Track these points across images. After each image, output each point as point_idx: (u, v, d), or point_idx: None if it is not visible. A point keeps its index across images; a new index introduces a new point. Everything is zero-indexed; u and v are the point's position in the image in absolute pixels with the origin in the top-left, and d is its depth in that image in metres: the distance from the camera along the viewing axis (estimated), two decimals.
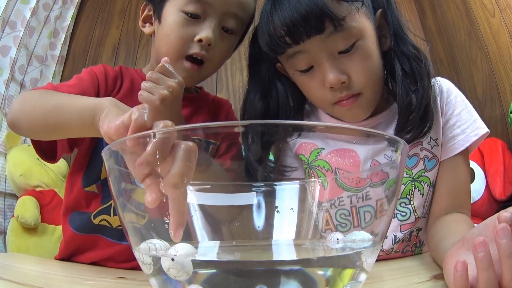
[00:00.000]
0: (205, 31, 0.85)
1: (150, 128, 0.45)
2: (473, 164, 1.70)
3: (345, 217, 0.57)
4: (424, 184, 0.85)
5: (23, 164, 1.77)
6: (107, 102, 0.59)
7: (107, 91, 0.90)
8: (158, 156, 0.41)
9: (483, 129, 0.84)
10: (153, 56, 0.96)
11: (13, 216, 1.70)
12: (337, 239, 0.52)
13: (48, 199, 1.76)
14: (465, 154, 0.86)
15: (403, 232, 0.85)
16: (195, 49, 0.86)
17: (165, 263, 0.41)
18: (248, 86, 0.90)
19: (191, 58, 0.87)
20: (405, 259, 0.85)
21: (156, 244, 0.45)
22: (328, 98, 0.78)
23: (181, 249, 0.42)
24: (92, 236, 0.89)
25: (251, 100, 0.88)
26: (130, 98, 0.87)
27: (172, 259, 0.40)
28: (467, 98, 0.89)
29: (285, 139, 0.75)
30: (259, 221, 0.52)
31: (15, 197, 1.81)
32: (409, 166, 0.85)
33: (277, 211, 0.52)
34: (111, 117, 0.51)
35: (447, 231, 0.73)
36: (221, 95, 2.01)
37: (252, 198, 0.53)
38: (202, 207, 0.51)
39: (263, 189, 0.53)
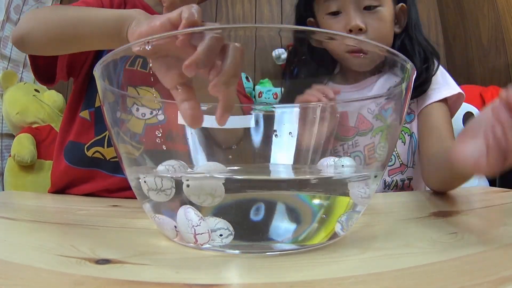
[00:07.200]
0: None
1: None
2: (474, 109, 1.69)
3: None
4: (405, 134, 0.98)
5: (19, 102, 1.76)
6: (135, 13, 0.57)
7: None
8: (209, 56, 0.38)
9: (455, 90, 0.96)
10: None
11: (10, 156, 1.69)
12: (327, 163, 0.51)
13: (45, 134, 1.75)
14: (441, 108, 0.95)
15: (390, 177, 0.96)
16: None
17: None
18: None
19: None
20: (401, 194, 0.86)
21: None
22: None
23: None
24: (87, 170, 0.89)
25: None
26: None
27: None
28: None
29: None
30: (257, 144, 0.50)
31: (12, 137, 1.80)
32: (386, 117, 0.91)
33: (275, 135, 0.51)
34: (146, 23, 0.47)
35: (442, 150, 0.83)
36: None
37: (249, 121, 0.51)
38: (198, 130, 0.50)
39: (262, 112, 0.52)
